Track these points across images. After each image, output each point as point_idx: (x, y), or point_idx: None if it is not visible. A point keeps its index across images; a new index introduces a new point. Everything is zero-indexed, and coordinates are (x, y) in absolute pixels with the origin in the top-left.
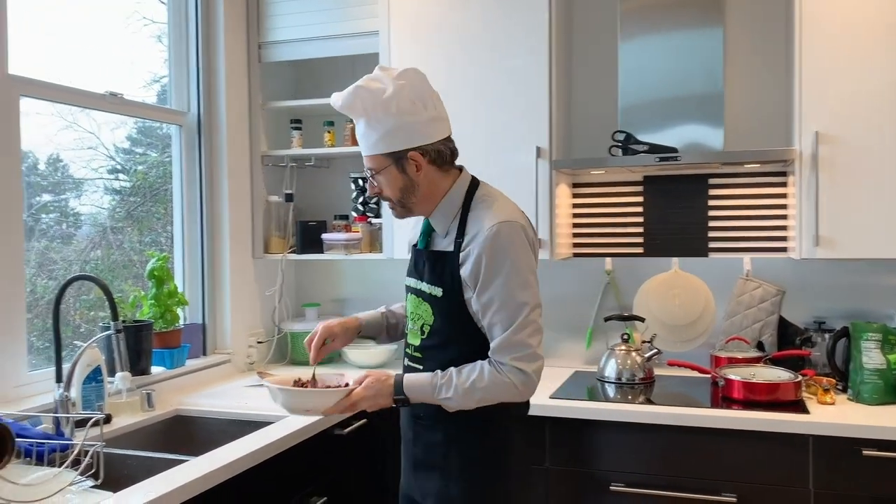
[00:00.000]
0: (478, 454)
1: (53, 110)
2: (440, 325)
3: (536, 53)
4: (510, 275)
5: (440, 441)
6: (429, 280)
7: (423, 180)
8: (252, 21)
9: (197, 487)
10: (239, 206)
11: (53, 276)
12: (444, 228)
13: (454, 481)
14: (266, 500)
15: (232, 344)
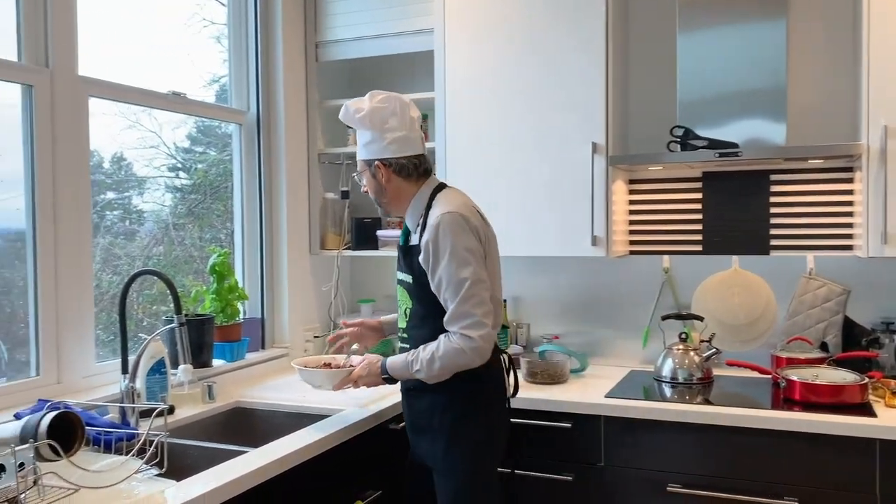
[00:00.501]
0: (457, 415)
1: (117, 110)
2: (416, 307)
3: (592, 48)
4: (451, 256)
5: (426, 407)
6: (405, 270)
7: (389, 186)
8: (309, 21)
9: (256, 478)
10: (296, 203)
11: (117, 271)
12: (413, 226)
13: (439, 440)
14: (321, 493)
15: (289, 338)
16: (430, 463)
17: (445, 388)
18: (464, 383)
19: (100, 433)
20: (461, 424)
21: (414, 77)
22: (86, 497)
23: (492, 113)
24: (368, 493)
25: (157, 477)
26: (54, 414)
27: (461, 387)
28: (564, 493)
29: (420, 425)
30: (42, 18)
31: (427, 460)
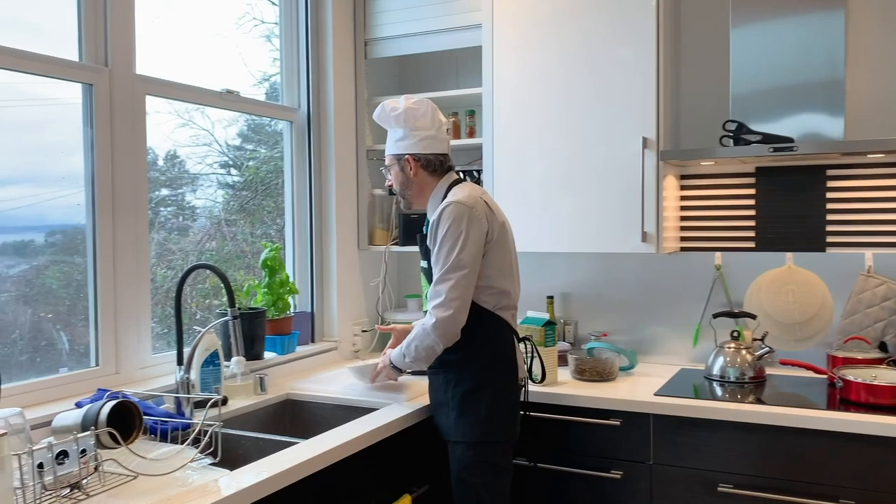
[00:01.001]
0: (466, 389)
1: (171, 108)
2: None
3: (643, 41)
4: (444, 240)
5: (441, 383)
6: (423, 256)
7: (415, 179)
8: (359, 19)
9: (306, 469)
10: (345, 199)
11: (171, 266)
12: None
13: (451, 412)
14: (371, 485)
15: (338, 332)
16: (445, 436)
17: (457, 367)
18: (472, 362)
19: (156, 422)
20: (468, 399)
21: (459, 73)
22: (143, 484)
23: (540, 108)
24: (417, 487)
25: (211, 466)
26: (114, 403)
27: (470, 365)
28: (613, 491)
29: (438, 401)
30: (102, 18)
31: (444, 434)
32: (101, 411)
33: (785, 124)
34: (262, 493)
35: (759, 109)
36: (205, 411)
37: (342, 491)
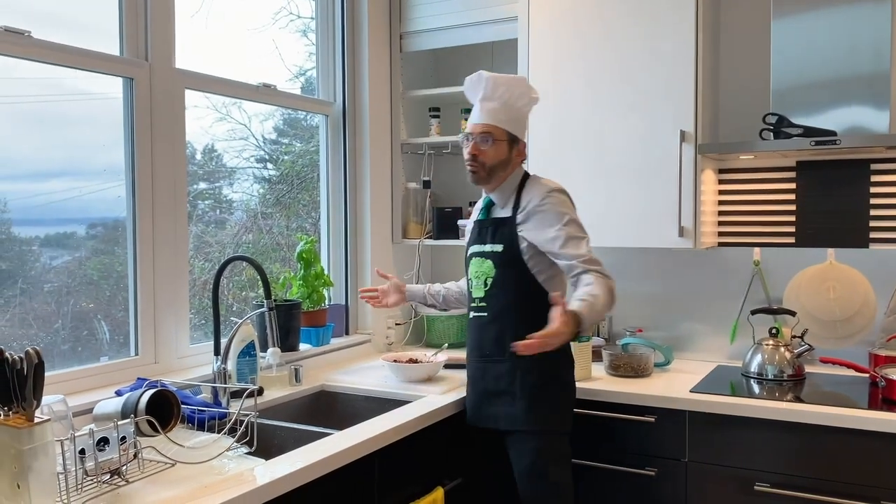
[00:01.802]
0: (536, 379)
1: (209, 103)
2: (499, 274)
3: (682, 33)
4: (571, 220)
5: (505, 371)
6: (491, 241)
7: (514, 163)
8: (394, 12)
9: (340, 460)
10: (380, 192)
11: (209, 258)
12: (503, 202)
13: (519, 402)
14: (404, 477)
15: (372, 325)
16: (506, 426)
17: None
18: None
19: (194, 411)
20: (542, 388)
21: (494, 66)
22: (181, 472)
23: (576, 101)
24: (450, 479)
25: (246, 455)
26: (153, 392)
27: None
28: (647, 488)
29: (497, 389)
30: (142, 13)
31: (501, 423)
32: (141, 400)
33: (827, 118)
34: (296, 482)
35: (801, 102)
36: (241, 401)
37: (375, 482)
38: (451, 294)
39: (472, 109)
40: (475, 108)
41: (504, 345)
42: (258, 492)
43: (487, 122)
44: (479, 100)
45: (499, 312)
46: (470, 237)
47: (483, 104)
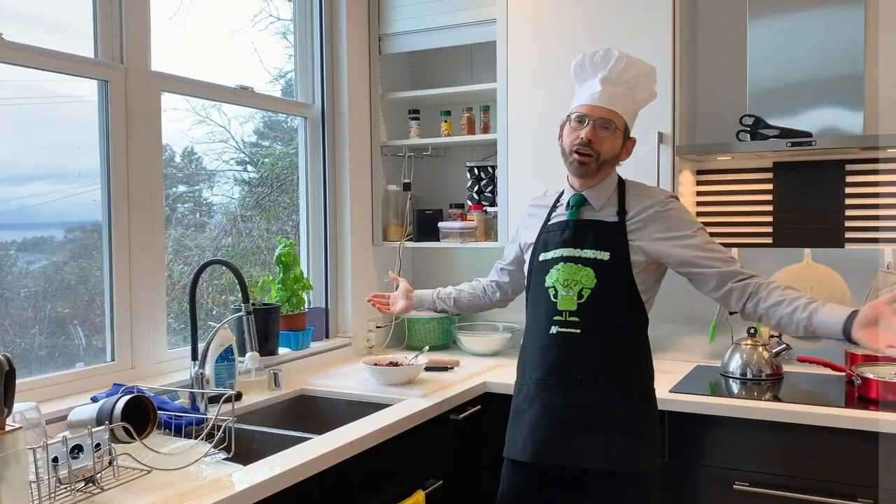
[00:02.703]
0: (636, 410)
1: (188, 105)
2: (602, 286)
3: (659, 36)
4: (701, 228)
5: (603, 399)
6: (593, 246)
7: (621, 158)
8: (373, 14)
9: (320, 465)
10: (359, 195)
11: (188, 261)
12: (600, 203)
13: (622, 436)
14: (384, 481)
15: (352, 328)
16: (595, 464)
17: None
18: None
19: (171, 417)
20: (641, 422)
21: (474, 68)
22: (157, 478)
23: (554, 103)
24: (430, 482)
25: (224, 461)
26: (128, 398)
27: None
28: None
29: (587, 421)
30: (117, 15)
31: (588, 461)
32: (116, 406)
33: (803, 119)
34: (275, 487)
35: (777, 104)
36: (219, 406)
37: (355, 486)
38: (463, 297)
39: (583, 86)
40: (591, 85)
41: (602, 368)
42: (236, 497)
43: (612, 107)
44: (601, 79)
45: (597, 330)
46: (548, 237)
47: (606, 86)
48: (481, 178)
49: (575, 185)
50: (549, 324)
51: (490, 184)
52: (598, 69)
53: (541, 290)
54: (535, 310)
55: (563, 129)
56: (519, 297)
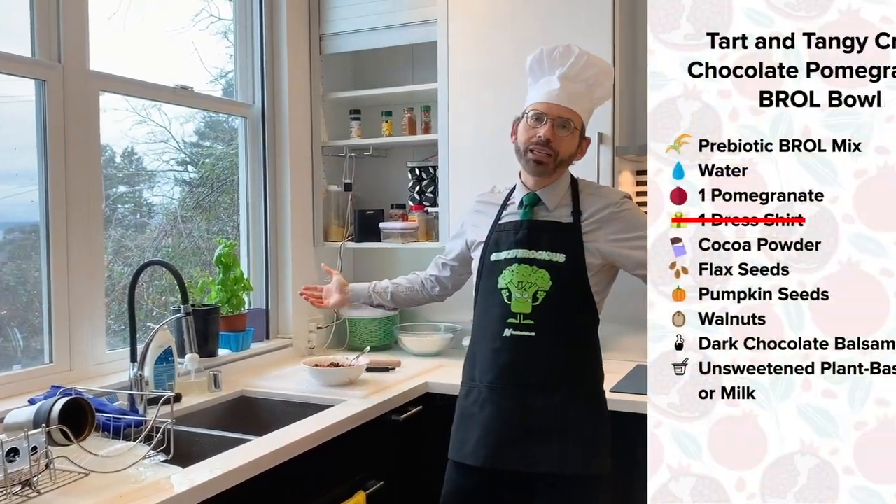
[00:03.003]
0: (591, 413)
1: (128, 105)
2: (557, 289)
3: (599, 39)
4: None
5: (559, 402)
6: (548, 248)
7: (576, 158)
8: (314, 13)
9: (260, 466)
10: (300, 195)
11: (128, 262)
12: (554, 203)
13: (572, 440)
14: (325, 482)
15: (293, 329)
16: (550, 468)
17: (580, 380)
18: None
19: (109, 419)
20: (595, 424)
21: (415, 68)
22: (95, 481)
23: (496, 103)
24: (371, 483)
25: (163, 463)
26: (66, 400)
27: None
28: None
29: (541, 425)
30: (55, 14)
31: (543, 466)
32: (54, 408)
33: None
34: (215, 490)
35: None
36: (157, 408)
37: (296, 488)
38: (400, 291)
39: (538, 83)
40: (549, 82)
41: (556, 371)
42: (175, 500)
43: (571, 105)
44: (560, 77)
45: (552, 333)
46: (500, 237)
47: (565, 83)
48: (422, 179)
49: (528, 183)
50: (503, 326)
51: (431, 184)
52: (556, 66)
53: (493, 291)
54: (487, 311)
55: (517, 125)
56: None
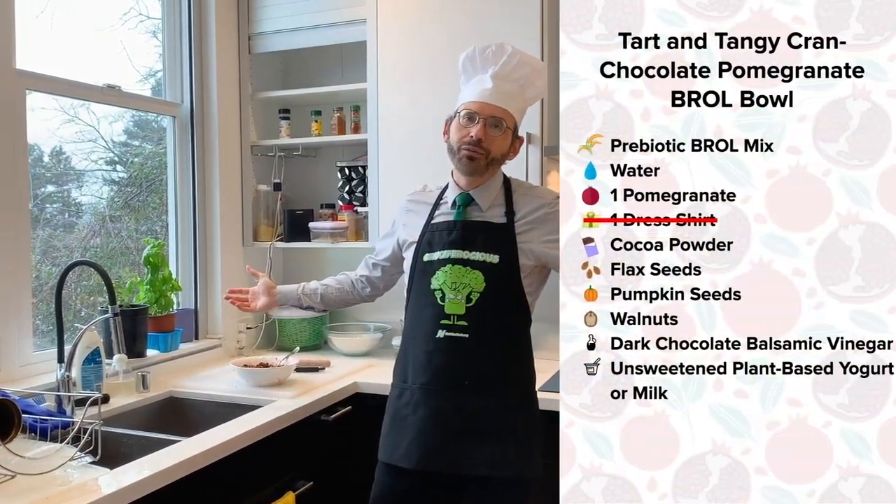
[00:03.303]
0: (526, 416)
1: (56, 105)
2: (491, 290)
3: (527, 39)
4: None
5: (493, 406)
6: (482, 248)
7: (509, 156)
8: (242, 12)
9: (189, 467)
10: (229, 195)
11: (56, 262)
12: (487, 203)
13: (508, 443)
14: (254, 482)
15: (222, 329)
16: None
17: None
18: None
19: (36, 421)
20: (530, 427)
21: (345, 68)
22: (21, 483)
23: (425, 103)
24: (301, 483)
25: (91, 465)
26: None
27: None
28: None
29: (476, 428)
30: None
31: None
32: None
33: None
34: (143, 491)
35: None
36: (85, 409)
37: (225, 489)
38: (330, 293)
39: (470, 82)
40: (482, 81)
41: (489, 373)
42: (103, 501)
43: (503, 105)
44: (493, 75)
45: (485, 334)
46: (433, 237)
47: (498, 82)
48: (352, 179)
49: (461, 182)
50: (436, 327)
51: (361, 184)
52: (489, 64)
53: (426, 292)
54: (420, 312)
55: (449, 124)
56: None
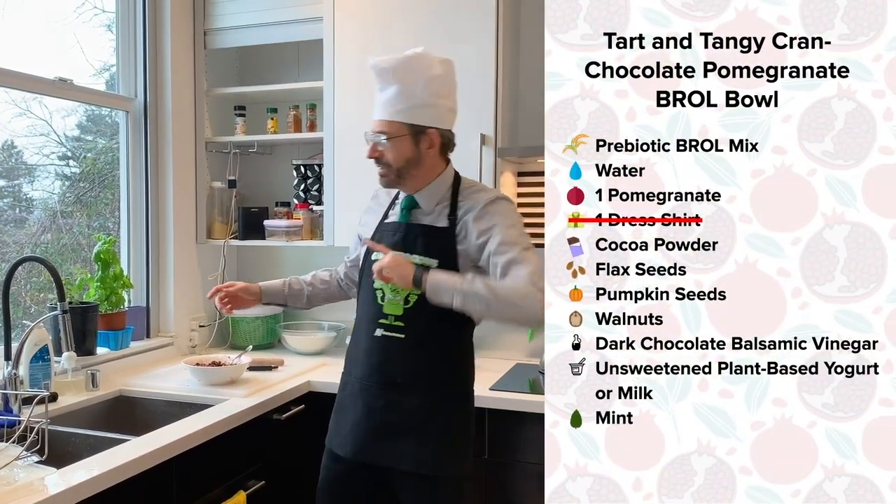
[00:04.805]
0: (453, 417)
1: (7, 98)
2: None
3: (483, 40)
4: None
5: (419, 406)
6: (423, 252)
7: (427, 158)
8: (198, 8)
9: (138, 466)
10: (183, 191)
11: (6, 258)
12: (430, 206)
13: (432, 443)
14: (205, 482)
15: (175, 327)
16: (410, 467)
17: (449, 379)
18: (465, 374)
19: None
20: (456, 428)
21: (301, 66)
22: None
23: None
24: (252, 482)
25: (37, 464)
26: None
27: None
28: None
29: (402, 426)
30: None
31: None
32: None
33: None
34: (91, 490)
35: None
36: (31, 408)
37: (175, 488)
38: (317, 293)
39: None
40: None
41: (423, 373)
42: (49, 501)
43: (380, 117)
44: (379, 90)
45: (421, 335)
46: (381, 237)
47: (379, 96)
48: (308, 177)
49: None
50: (374, 326)
51: (317, 182)
52: (377, 80)
53: (369, 290)
54: (363, 308)
55: None
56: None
